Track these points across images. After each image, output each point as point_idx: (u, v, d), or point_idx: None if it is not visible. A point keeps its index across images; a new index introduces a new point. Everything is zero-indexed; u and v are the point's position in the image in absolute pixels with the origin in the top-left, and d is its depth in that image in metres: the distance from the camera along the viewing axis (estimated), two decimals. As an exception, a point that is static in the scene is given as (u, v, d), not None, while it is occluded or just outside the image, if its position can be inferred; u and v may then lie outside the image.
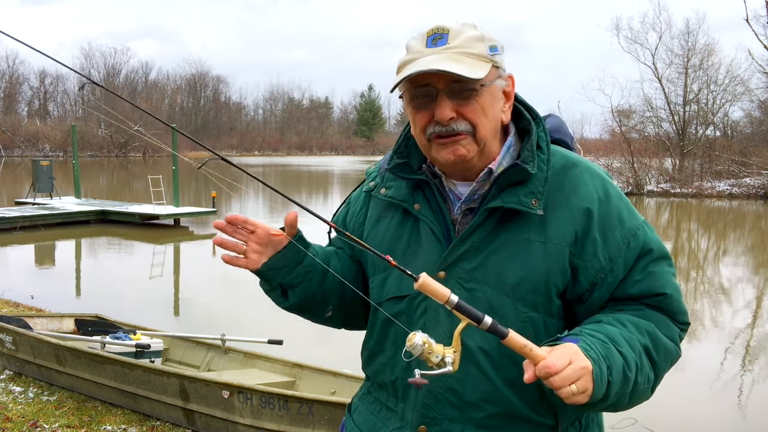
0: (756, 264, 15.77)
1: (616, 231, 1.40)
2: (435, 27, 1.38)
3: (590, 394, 1.21)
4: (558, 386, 1.18)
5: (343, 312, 1.62)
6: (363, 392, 1.64)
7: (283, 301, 1.56)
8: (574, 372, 1.19)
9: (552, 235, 1.38)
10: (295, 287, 1.52)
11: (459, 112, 1.37)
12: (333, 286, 1.56)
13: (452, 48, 1.35)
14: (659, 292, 1.40)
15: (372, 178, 1.60)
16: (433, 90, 1.37)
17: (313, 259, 1.51)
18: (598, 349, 1.25)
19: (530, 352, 1.21)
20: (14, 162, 55.61)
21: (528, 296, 1.37)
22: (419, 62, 1.35)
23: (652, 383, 1.36)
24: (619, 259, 1.39)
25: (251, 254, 1.47)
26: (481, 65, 1.36)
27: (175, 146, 21.95)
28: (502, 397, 1.38)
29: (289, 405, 4.27)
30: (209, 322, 8.52)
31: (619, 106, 39.84)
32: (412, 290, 1.42)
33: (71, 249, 16.97)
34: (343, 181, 43.65)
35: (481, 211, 1.41)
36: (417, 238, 1.47)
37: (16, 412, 5.04)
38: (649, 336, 1.35)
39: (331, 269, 1.53)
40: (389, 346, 1.49)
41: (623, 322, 1.36)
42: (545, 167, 1.41)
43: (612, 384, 1.25)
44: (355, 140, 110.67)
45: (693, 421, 6.19)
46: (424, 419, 1.43)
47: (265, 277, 1.51)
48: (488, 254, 1.40)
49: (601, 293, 1.40)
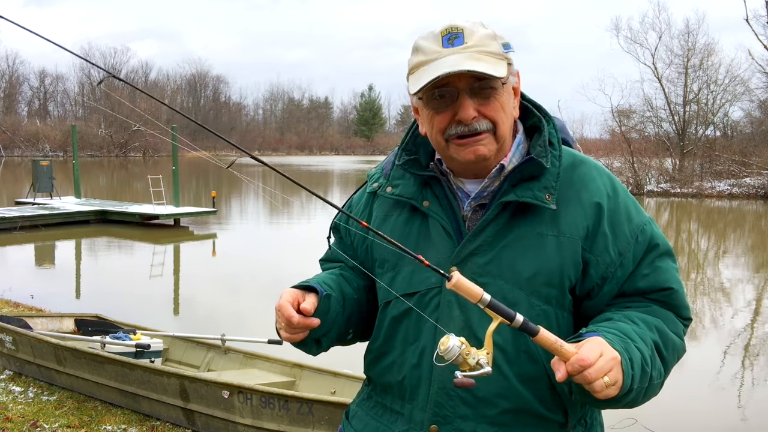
0: (756, 264, 15.77)
1: (625, 226, 1.42)
2: (448, 26, 1.37)
3: (620, 386, 1.22)
4: (592, 379, 1.17)
5: (361, 329, 1.61)
6: (362, 398, 1.61)
7: (318, 350, 1.55)
8: (606, 363, 1.19)
9: (565, 229, 1.40)
10: (327, 334, 1.51)
11: (480, 111, 1.37)
12: (353, 314, 1.56)
13: (471, 47, 1.35)
14: (666, 286, 1.42)
15: (375, 179, 1.60)
16: (454, 90, 1.37)
17: (328, 302, 1.49)
18: (618, 343, 1.26)
19: (560, 348, 1.20)
20: (14, 162, 55.60)
21: (542, 289, 1.38)
22: (442, 63, 1.34)
23: (663, 378, 1.37)
24: (629, 254, 1.41)
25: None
26: (500, 63, 1.37)
27: (174, 147, 21.93)
28: (515, 393, 1.38)
29: (289, 405, 4.27)
30: (209, 322, 8.52)
31: (619, 106, 39.91)
32: (422, 286, 1.43)
33: (71, 249, 16.97)
34: (343, 180, 43.66)
35: (495, 205, 1.42)
36: (426, 235, 1.47)
37: (16, 412, 5.04)
38: (658, 332, 1.37)
39: (347, 298, 1.53)
40: (398, 345, 1.48)
41: (633, 319, 1.37)
42: (558, 163, 1.44)
43: (634, 378, 1.25)
44: (355, 140, 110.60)
45: (693, 421, 6.18)
46: (436, 418, 1.41)
47: (305, 342, 1.49)
48: (501, 249, 1.40)
49: (611, 287, 1.42)
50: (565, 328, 1.41)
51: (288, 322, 1.39)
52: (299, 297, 1.43)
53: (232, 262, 14.58)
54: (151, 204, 20.10)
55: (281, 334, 1.45)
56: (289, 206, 25.51)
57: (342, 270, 1.63)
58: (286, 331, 1.43)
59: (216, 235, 18.92)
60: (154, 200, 20.05)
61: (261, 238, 19.46)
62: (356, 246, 1.61)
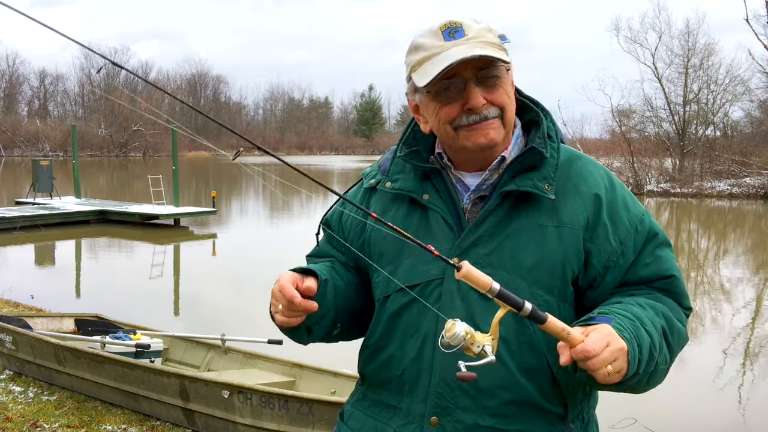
0: (756, 264, 15.77)
1: (624, 216, 1.45)
2: (447, 22, 1.39)
3: (624, 374, 1.23)
4: (595, 368, 1.19)
5: (347, 325, 1.59)
6: (357, 398, 1.60)
7: (308, 339, 1.53)
8: (612, 354, 1.20)
9: (565, 220, 1.42)
10: (320, 322, 1.50)
11: (487, 98, 1.39)
12: (342, 307, 1.54)
13: (472, 39, 1.37)
14: (668, 274, 1.45)
15: (372, 176, 1.60)
16: (461, 81, 1.38)
17: (326, 287, 1.48)
18: (629, 328, 1.27)
19: (568, 335, 1.20)
20: (14, 162, 55.63)
21: (544, 279, 1.40)
22: (448, 54, 1.36)
23: (668, 365, 1.39)
24: (629, 243, 1.44)
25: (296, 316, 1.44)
26: (502, 51, 1.40)
27: (175, 145, 21.93)
28: (516, 384, 1.38)
29: (289, 405, 4.27)
30: (209, 322, 8.52)
31: (619, 106, 39.86)
32: (423, 278, 1.44)
33: (71, 249, 16.97)
34: (343, 178, 43.63)
35: (496, 195, 1.43)
36: (427, 228, 1.47)
37: (16, 412, 5.04)
38: (665, 318, 1.39)
39: (338, 289, 1.52)
40: (397, 339, 1.47)
41: (641, 304, 1.39)
42: (556, 154, 1.46)
43: (641, 362, 1.27)
44: (355, 140, 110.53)
45: (693, 421, 6.18)
46: (437, 410, 1.41)
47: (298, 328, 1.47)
48: (503, 239, 1.42)
49: (614, 276, 1.43)
50: (567, 319, 1.40)
51: (290, 303, 1.38)
52: (299, 280, 1.42)
53: (232, 262, 14.58)
54: (151, 204, 20.10)
55: (277, 318, 1.43)
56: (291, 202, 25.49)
57: (333, 263, 1.62)
58: (283, 314, 1.41)
59: (216, 235, 18.93)
60: (154, 200, 20.06)
61: (261, 237, 19.47)
62: (351, 241, 1.59)
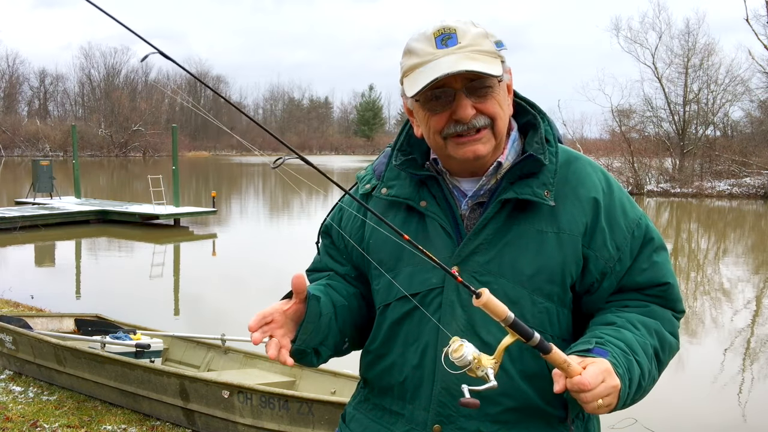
0: (756, 264, 15.77)
1: (621, 221, 1.44)
2: (440, 27, 1.36)
3: (611, 409, 1.26)
4: (587, 401, 1.21)
5: (357, 338, 1.58)
6: (359, 400, 1.59)
7: (318, 361, 1.51)
8: (606, 389, 1.23)
9: (564, 226, 1.41)
10: (325, 342, 1.48)
11: (477, 108, 1.37)
12: (346, 322, 1.53)
13: (465, 47, 1.34)
14: (663, 281, 1.45)
15: (367, 180, 1.57)
16: (450, 91, 1.36)
17: (325, 307, 1.46)
18: (623, 363, 1.29)
19: (568, 367, 1.22)
20: (14, 162, 55.62)
21: (544, 286, 1.39)
22: (437, 64, 1.33)
23: (654, 383, 1.41)
24: (626, 248, 1.43)
25: (283, 340, 1.37)
26: (495, 61, 1.37)
27: (175, 145, 21.93)
28: (519, 391, 1.38)
29: (289, 405, 4.27)
30: (209, 322, 8.51)
31: (619, 106, 39.80)
32: (423, 287, 1.42)
33: (71, 249, 16.97)
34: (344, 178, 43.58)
35: (495, 203, 1.41)
36: (425, 236, 1.45)
37: (16, 412, 5.04)
38: (657, 337, 1.40)
39: (338, 306, 1.50)
40: (398, 346, 1.46)
41: (635, 323, 1.39)
42: (555, 160, 1.45)
43: (629, 395, 1.30)
44: (355, 140, 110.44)
45: (693, 421, 6.19)
46: (439, 418, 1.40)
47: (301, 349, 1.43)
48: (502, 247, 1.40)
49: (610, 282, 1.44)
50: (565, 325, 1.43)
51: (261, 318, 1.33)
52: (284, 305, 1.38)
53: (232, 262, 14.59)
54: (151, 204, 20.10)
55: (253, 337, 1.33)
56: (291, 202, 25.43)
57: (329, 279, 1.59)
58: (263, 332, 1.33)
59: (216, 235, 18.93)
60: (154, 200, 20.06)
61: (261, 237, 19.47)
62: (350, 249, 1.58)
